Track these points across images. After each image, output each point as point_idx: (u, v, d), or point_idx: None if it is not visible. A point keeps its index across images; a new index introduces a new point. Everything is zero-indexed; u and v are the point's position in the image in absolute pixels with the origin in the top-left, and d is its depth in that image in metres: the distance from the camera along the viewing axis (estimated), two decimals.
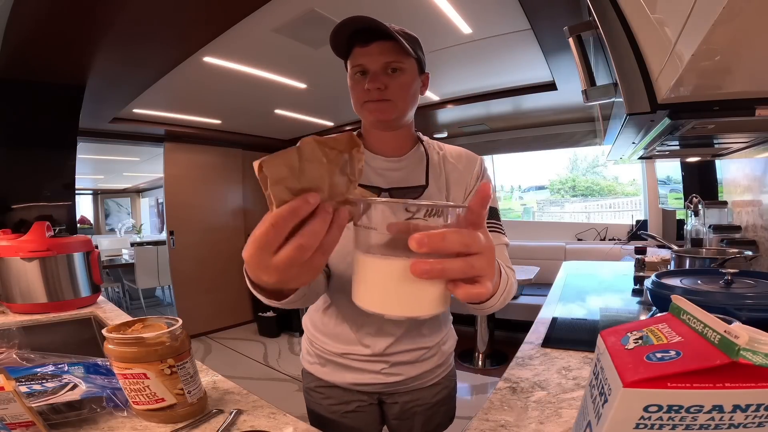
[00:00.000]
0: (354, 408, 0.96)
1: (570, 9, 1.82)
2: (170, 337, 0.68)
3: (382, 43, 0.78)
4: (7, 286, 1.40)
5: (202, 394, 0.73)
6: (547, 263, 3.71)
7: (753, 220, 1.68)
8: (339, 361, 0.93)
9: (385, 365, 0.90)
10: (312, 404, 1.01)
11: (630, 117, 0.82)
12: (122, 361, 0.67)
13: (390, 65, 0.79)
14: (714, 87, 0.68)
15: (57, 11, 1.69)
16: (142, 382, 0.67)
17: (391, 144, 0.88)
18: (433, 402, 0.99)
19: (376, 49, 0.79)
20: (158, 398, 0.68)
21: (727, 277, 1.05)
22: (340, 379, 0.94)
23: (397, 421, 1.00)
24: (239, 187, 4.92)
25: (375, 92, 0.79)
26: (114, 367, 0.68)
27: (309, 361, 1.00)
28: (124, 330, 0.71)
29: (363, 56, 0.79)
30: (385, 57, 0.79)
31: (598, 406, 0.40)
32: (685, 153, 1.55)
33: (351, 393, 0.95)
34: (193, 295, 4.41)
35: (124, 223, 8.26)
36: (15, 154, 2.33)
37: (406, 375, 0.92)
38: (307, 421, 0.70)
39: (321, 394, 0.97)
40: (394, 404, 0.98)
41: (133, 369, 0.66)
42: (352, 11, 0.79)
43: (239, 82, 2.83)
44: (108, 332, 0.68)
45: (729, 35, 0.50)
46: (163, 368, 0.67)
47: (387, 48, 0.78)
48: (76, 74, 2.35)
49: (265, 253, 0.36)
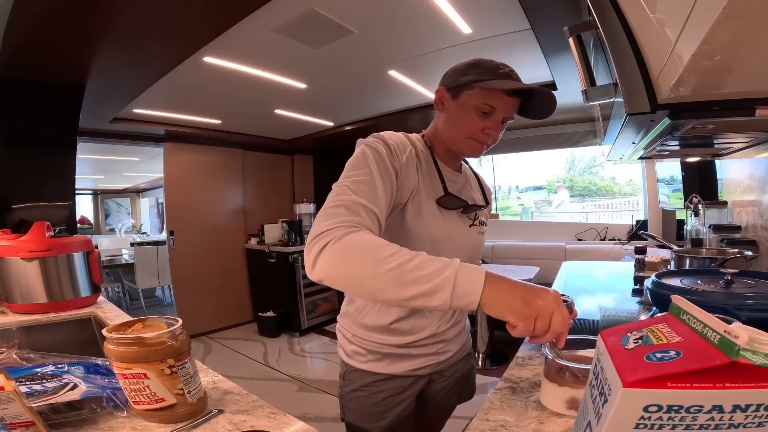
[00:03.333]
0: (408, 387, 1.00)
1: (570, 9, 1.82)
2: (170, 337, 0.68)
3: (516, 100, 0.87)
4: (7, 286, 1.40)
5: (202, 394, 0.73)
6: (547, 263, 3.71)
7: (753, 220, 1.68)
8: (398, 353, 0.97)
9: (440, 344, 0.99)
10: (361, 400, 1.00)
11: (630, 117, 0.82)
12: (122, 361, 0.67)
13: (507, 119, 0.89)
14: (714, 87, 0.68)
15: (57, 11, 1.69)
16: (142, 382, 0.67)
17: (457, 163, 1.01)
18: (466, 370, 1.11)
19: (513, 104, 0.87)
20: (158, 398, 0.68)
21: (727, 277, 1.05)
22: (398, 369, 0.98)
23: (437, 398, 1.07)
24: (239, 187, 4.92)
25: (490, 138, 0.89)
26: (114, 367, 0.68)
27: (361, 360, 0.99)
28: (124, 330, 0.71)
29: (500, 102, 0.85)
30: (511, 112, 0.88)
31: (598, 406, 0.40)
32: (685, 153, 1.55)
33: (407, 379, 1.00)
34: (193, 295, 4.41)
35: (124, 223, 8.26)
36: (15, 154, 2.33)
37: (453, 350, 1.04)
38: (307, 422, 0.70)
39: (375, 388, 0.99)
40: (437, 381, 1.05)
41: (133, 369, 0.66)
42: (351, 11, 0.79)
43: (239, 82, 2.83)
44: (108, 332, 0.68)
45: (729, 35, 0.50)
46: (163, 368, 0.67)
47: (516, 105, 0.88)
48: (76, 74, 2.35)
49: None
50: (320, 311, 4.65)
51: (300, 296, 4.34)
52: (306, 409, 2.72)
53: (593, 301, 1.53)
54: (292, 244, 4.41)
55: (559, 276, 2.02)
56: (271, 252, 4.44)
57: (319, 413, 2.68)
